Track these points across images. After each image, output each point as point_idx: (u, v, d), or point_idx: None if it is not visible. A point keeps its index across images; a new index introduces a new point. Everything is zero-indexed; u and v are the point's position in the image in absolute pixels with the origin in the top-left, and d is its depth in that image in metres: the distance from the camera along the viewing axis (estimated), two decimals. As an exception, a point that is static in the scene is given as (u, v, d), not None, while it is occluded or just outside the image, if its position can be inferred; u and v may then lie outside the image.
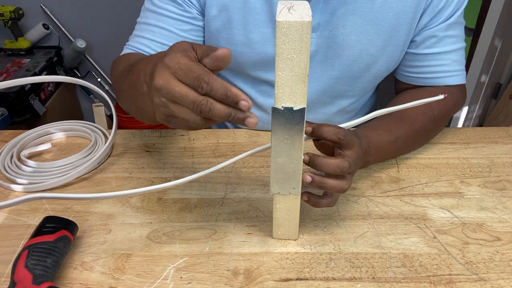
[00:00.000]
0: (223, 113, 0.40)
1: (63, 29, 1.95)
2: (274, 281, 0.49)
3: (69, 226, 0.51)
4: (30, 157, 0.70)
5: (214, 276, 0.50)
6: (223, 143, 0.74)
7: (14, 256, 0.49)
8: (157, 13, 0.71)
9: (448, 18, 0.69)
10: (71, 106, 2.14)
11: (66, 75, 2.02)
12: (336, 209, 0.60)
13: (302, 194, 0.51)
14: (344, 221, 0.58)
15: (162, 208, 0.60)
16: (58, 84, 1.97)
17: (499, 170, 0.68)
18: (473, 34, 1.74)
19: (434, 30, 0.70)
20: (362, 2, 0.67)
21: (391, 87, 0.84)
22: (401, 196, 0.62)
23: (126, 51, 0.73)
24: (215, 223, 0.57)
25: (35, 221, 0.58)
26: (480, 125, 1.93)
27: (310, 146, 0.62)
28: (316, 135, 0.50)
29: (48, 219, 0.51)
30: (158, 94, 0.42)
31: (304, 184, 0.49)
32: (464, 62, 0.74)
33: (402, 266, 0.51)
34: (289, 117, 0.43)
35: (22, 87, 1.65)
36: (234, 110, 0.40)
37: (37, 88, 1.76)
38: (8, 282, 0.45)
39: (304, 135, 0.45)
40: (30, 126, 0.77)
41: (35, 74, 1.74)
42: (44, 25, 1.90)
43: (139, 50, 0.72)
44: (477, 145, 0.74)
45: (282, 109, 0.43)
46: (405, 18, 0.68)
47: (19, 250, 0.52)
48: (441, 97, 0.50)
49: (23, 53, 1.88)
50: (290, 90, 0.42)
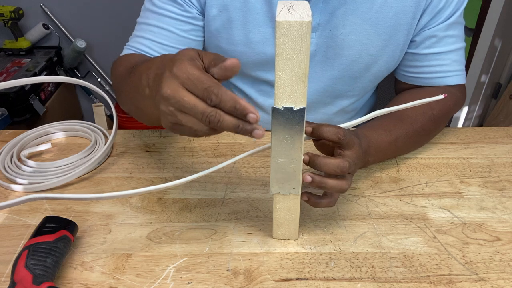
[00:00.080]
0: (231, 124, 0.41)
1: (63, 29, 1.95)
2: (274, 281, 0.49)
3: (69, 226, 0.51)
4: (30, 157, 0.70)
5: (214, 276, 0.50)
6: (223, 143, 0.74)
7: (14, 256, 0.49)
8: (157, 13, 0.71)
9: (448, 18, 0.69)
10: (71, 106, 2.14)
11: (66, 75, 2.02)
12: (336, 209, 0.60)
13: (302, 194, 0.51)
14: (344, 221, 0.58)
15: (162, 208, 0.60)
16: (58, 84, 1.97)
17: (499, 170, 0.68)
18: (473, 34, 1.74)
19: (434, 30, 0.70)
20: (362, 2, 0.67)
21: (391, 87, 0.84)
22: (401, 196, 0.62)
23: (126, 52, 0.73)
24: (215, 223, 0.57)
25: (35, 221, 0.58)
26: (480, 125, 1.93)
27: (310, 146, 0.62)
28: (316, 135, 0.50)
29: (48, 219, 0.51)
30: (166, 103, 0.42)
31: (304, 184, 0.49)
32: (464, 62, 0.74)
33: (402, 266, 0.51)
34: (289, 117, 0.43)
35: (22, 87, 1.65)
36: (242, 122, 0.41)
37: (37, 88, 1.76)
38: (8, 282, 0.45)
39: (304, 135, 0.45)
40: (30, 126, 0.77)
41: (35, 74, 1.74)
42: (44, 25, 1.90)
43: (140, 51, 0.72)
44: (477, 145, 0.74)
45: (282, 109, 0.43)
46: (405, 18, 0.68)
47: (19, 250, 0.52)
48: (441, 97, 0.50)
49: (23, 53, 1.88)
50: (290, 90, 0.42)
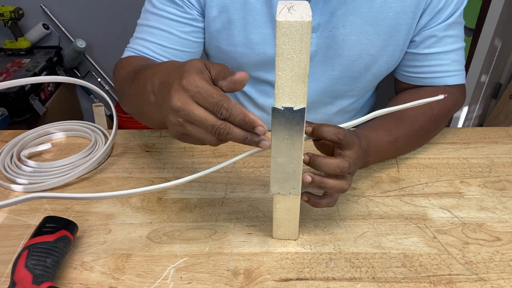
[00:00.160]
0: (240, 136, 0.43)
1: (63, 29, 1.95)
2: (274, 281, 0.49)
3: (69, 226, 0.51)
4: (30, 157, 0.70)
5: (214, 276, 0.50)
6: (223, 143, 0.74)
7: (14, 256, 0.49)
8: (157, 15, 0.71)
9: (447, 18, 0.69)
10: (71, 106, 2.14)
11: (66, 75, 2.02)
12: (336, 209, 0.60)
13: (302, 194, 0.51)
14: (344, 221, 0.58)
15: (162, 208, 0.60)
16: (58, 84, 1.97)
17: (499, 170, 0.68)
18: (473, 34, 1.74)
19: (434, 30, 0.70)
20: (361, 2, 0.67)
21: (391, 87, 0.84)
22: (401, 196, 0.62)
23: (127, 54, 0.73)
24: (215, 223, 0.57)
25: (35, 221, 0.58)
26: (480, 125, 1.93)
27: (310, 146, 0.62)
28: (316, 135, 0.50)
29: (48, 219, 0.51)
30: (175, 115, 0.43)
31: (304, 184, 0.49)
32: (463, 62, 0.74)
33: (402, 266, 0.51)
34: (289, 117, 0.43)
35: (22, 87, 1.65)
36: (250, 134, 0.43)
37: (37, 88, 1.76)
38: (8, 282, 0.45)
39: (304, 135, 0.45)
40: (30, 126, 0.77)
41: (35, 74, 1.74)
42: (44, 25, 1.90)
43: (141, 53, 0.72)
44: (477, 145, 0.74)
45: (282, 109, 0.43)
46: (404, 18, 0.68)
47: (19, 250, 0.52)
48: (441, 97, 0.50)
49: (23, 53, 1.88)
50: (290, 90, 0.42)
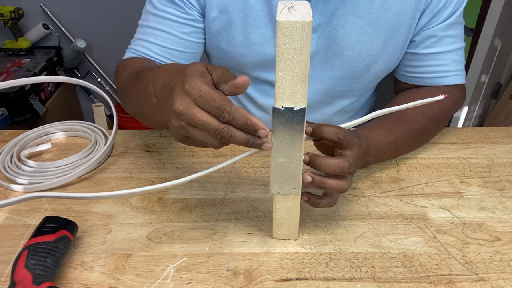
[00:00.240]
0: (242, 139, 0.43)
1: (63, 29, 1.95)
2: (274, 281, 0.49)
3: (69, 226, 0.51)
4: (30, 157, 0.70)
5: (214, 276, 0.50)
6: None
7: (14, 256, 0.49)
8: (158, 16, 0.71)
9: (447, 18, 0.69)
10: (71, 106, 2.14)
11: (66, 75, 2.02)
12: (336, 209, 0.60)
13: (302, 194, 0.51)
14: (344, 221, 0.58)
15: (162, 208, 0.60)
16: (58, 84, 1.97)
17: (499, 170, 0.68)
18: (473, 34, 1.74)
19: (434, 30, 0.70)
20: (361, 3, 0.67)
21: (391, 87, 0.84)
22: (401, 196, 0.62)
23: (129, 55, 0.73)
24: (215, 223, 0.57)
25: (35, 221, 0.58)
26: (480, 125, 1.93)
27: (310, 146, 0.62)
28: (316, 135, 0.50)
29: (48, 219, 0.51)
30: (177, 118, 0.43)
31: (304, 184, 0.49)
32: (463, 62, 0.74)
33: (402, 266, 0.51)
34: (289, 117, 0.43)
35: (22, 87, 1.65)
36: (252, 137, 0.43)
37: (37, 88, 1.76)
38: (8, 282, 0.45)
39: (304, 135, 0.45)
40: (30, 126, 0.77)
41: (35, 74, 1.74)
42: (44, 25, 1.90)
43: (142, 54, 0.72)
44: (477, 145, 0.74)
45: (283, 109, 0.43)
46: (404, 18, 0.68)
47: (19, 250, 0.52)
48: (441, 97, 0.49)
49: (23, 53, 1.88)
50: (291, 90, 0.42)
